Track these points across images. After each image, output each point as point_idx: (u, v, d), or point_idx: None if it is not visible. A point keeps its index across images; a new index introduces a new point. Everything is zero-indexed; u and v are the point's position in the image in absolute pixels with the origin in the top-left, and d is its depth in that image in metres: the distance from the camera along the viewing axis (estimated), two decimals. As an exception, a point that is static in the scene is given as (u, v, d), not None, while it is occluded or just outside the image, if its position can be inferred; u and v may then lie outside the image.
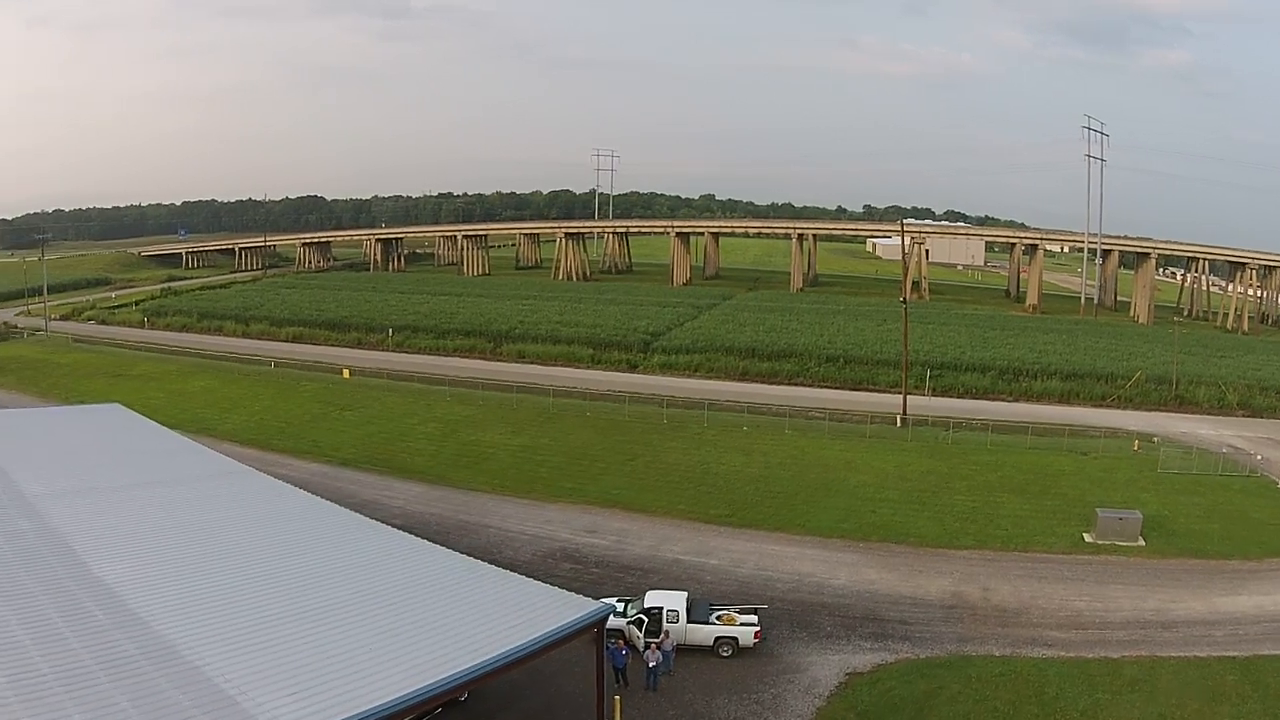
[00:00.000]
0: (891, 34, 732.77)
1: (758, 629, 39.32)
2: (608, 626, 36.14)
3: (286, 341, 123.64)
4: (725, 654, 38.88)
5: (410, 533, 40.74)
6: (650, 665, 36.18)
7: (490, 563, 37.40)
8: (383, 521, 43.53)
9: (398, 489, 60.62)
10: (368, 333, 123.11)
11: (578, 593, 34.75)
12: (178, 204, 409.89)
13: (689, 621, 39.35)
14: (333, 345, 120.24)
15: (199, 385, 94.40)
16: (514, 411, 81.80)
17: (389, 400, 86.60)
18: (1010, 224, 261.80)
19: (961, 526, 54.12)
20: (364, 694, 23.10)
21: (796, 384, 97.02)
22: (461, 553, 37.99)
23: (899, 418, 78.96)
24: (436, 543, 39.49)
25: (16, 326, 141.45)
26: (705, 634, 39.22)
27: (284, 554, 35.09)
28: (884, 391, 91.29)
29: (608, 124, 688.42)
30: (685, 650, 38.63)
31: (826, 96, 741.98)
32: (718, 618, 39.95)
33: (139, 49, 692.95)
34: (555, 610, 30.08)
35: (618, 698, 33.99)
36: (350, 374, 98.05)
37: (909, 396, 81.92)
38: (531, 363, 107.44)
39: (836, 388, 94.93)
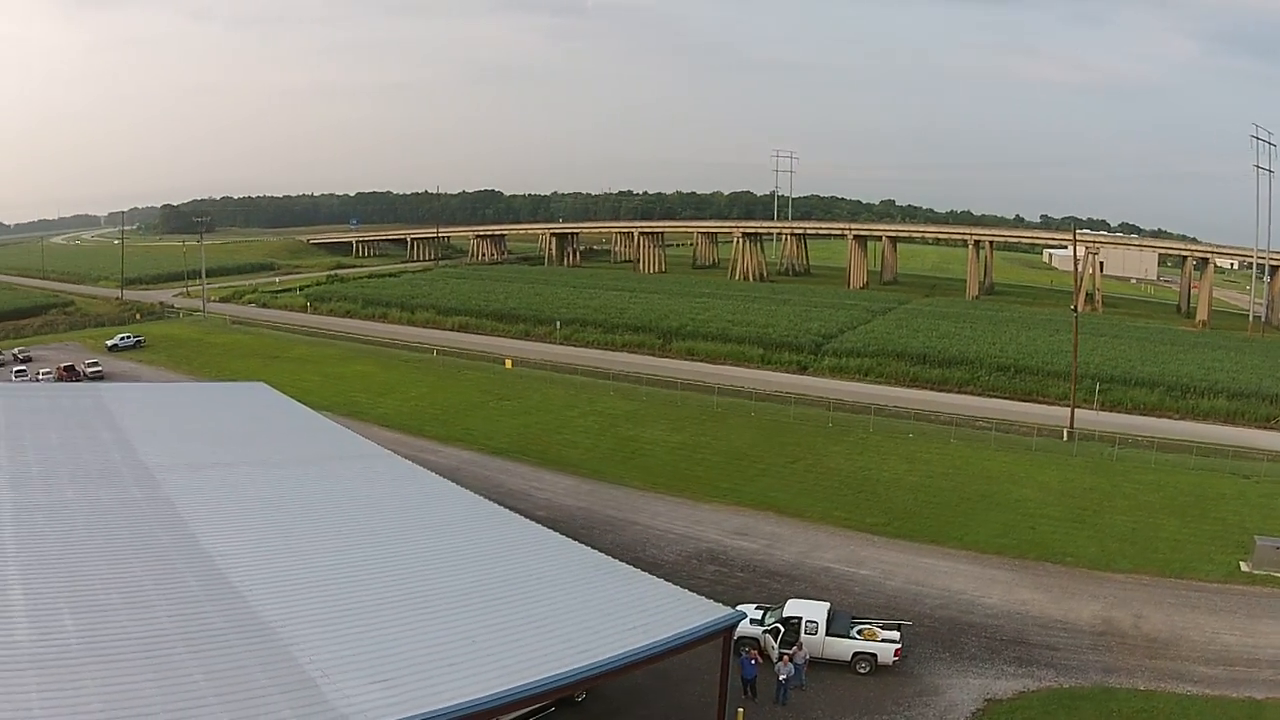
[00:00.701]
0: (1068, 43, 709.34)
1: (898, 646, 37.85)
2: (744, 634, 35.54)
3: (452, 330, 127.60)
4: (862, 670, 37.60)
5: (552, 526, 40.92)
6: (781, 678, 35.01)
7: (631, 561, 37.20)
8: (526, 513, 44.03)
9: (547, 481, 61.28)
10: (535, 325, 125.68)
11: (719, 597, 34.27)
12: (351, 194, 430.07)
13: (828, 634, 38.04)
14: (499, 336, 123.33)
15: (356, 370, 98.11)
16: (677, 408, 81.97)
17: (550, 392, 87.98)
18: (1182, 238, 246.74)
19: (1120, 548, 51.52)
20: (454, 688, 22.59)
21: (966, 392, 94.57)
22: (603, 549, 37.92)
23: (1065, 431, 75.93)
24: (578, 537, 39.69)
25: (172, 306, 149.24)
26: (843, 648, 37.97)
27: (402, 539, 35.20)
28: (1053, 404, 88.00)
29: (790, 127, 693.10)
30: (822, 664, 37.48)
31: (1005, 105, 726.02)
32: (858, 632, 38.57)
33: (307, 44, 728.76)
34: (680, 614, 29.16)
35: (740, 709, 33.31)
36: (513, 364, 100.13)
37: (1077, 410, 78.84)
38: (700, 360, 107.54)
39: (1006, 397, 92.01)
